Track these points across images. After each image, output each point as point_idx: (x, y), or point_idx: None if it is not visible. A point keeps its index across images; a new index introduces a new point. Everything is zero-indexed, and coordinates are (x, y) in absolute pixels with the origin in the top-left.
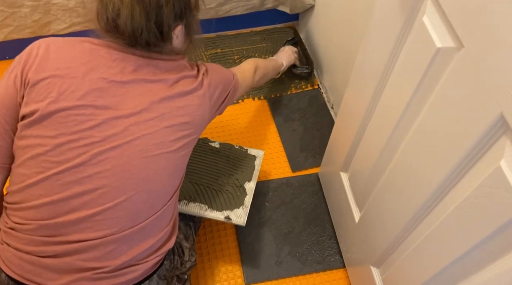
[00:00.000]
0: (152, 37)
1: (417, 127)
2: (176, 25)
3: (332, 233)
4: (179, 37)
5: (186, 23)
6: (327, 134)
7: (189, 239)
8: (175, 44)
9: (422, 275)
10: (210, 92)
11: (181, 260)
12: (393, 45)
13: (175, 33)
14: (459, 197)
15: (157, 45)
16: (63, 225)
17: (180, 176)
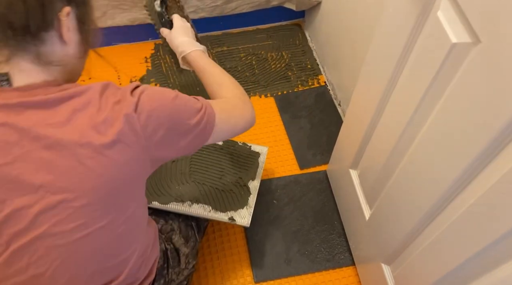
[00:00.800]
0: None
1: (431, 123)
2: (62, 6)
3: (341, 231)
4: (70, 33)
5: (78, 14)
6: (335, 131)
7: (190, 242)
8: (67, 38)
9: (436, 272)
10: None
11: (177, 270)
12: (406, 40)
13: (64, 17)
14: (476, 193)
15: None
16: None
17: (137, 237)
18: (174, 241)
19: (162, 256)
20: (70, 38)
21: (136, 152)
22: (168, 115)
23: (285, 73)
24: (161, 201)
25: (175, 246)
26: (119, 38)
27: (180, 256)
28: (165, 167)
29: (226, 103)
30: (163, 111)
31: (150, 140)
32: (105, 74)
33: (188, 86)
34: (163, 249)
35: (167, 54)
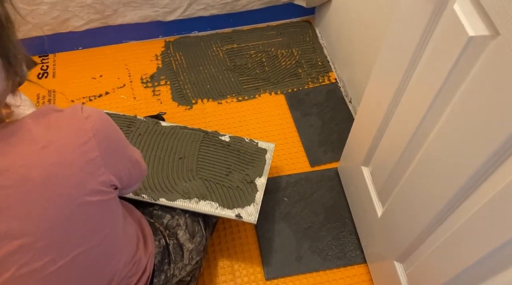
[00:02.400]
0: None
1: (447, 119)
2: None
3: (353, 228)
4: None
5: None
6: (346, 128)
7: (196, 237)
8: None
9: (450, 270)
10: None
11: (180, 265)
12: (421, 34)
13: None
14: (492, 190)
15: None
16: None
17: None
18: (179, 236)
19: (161, 251)
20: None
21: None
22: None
23: (295, 70)
24: (168, 198)
25: (180, 241)
26: (129, 36)
27: (183, 251)
28: (172, 164)
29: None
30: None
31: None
32: (116, 71)
33: (198, 83)
34: (164, 245)
35: (177, 52)
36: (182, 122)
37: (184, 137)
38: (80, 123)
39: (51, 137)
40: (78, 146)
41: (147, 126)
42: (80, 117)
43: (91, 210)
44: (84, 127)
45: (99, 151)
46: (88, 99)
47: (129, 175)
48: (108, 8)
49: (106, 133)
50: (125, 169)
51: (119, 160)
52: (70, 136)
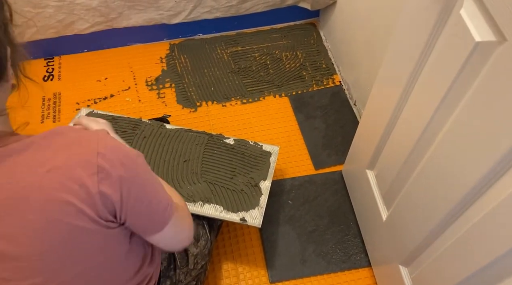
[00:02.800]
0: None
1: (453, 123)
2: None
3: (357, 232)
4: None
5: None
6: (350, 131)
7: (200, 241)
8: (9, 78)
9: (456, 275)
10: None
11: (185, 270)
12: (426, 39)
13: (7, 59)
14: (499, 196)
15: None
16: None
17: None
18: None
19: (167, 257)
20: (10, 76)
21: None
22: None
23: (299, 72)
24: None
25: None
26: (134, 39)
27: (188, 256)
28: (176, 167)
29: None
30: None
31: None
32: (121, 74)
33: (202, 86)
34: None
35: (182, 55)
36: (187, 125)
37: (189, 140)
38: (90, 155)
39: (58, 163)
40: (82, 178)
41: (152, 128)
42: (93, 150)
43: (86, 238)
44: (91, 161)
45: (98, 188)
46: (93, 102)
47: (144, 220)
48: (113, 11)
49: (117, 174)
50: (138, 212)
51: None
52: (77, 166)
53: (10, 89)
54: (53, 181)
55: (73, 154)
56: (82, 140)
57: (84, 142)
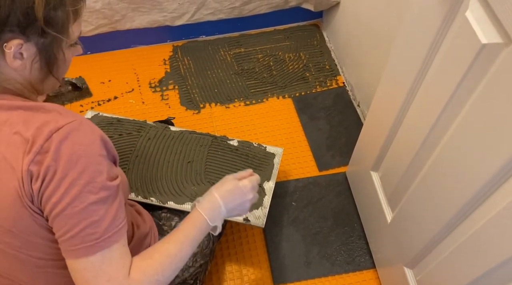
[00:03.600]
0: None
1: (459, 125)
2: (10, 37)
3: (362, 233)
4: (25, 60)
5: (38, 44)
6: (354, 132)
7: (203, 239)
8: (15, 66)
9: (463, 278)
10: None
11: (183, 267)
12: (432, 41)
13: (10, 47)
14: (506, 198)
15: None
16: None
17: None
18: None
19: None
20: (21, 65)
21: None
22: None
23: (303, 74)
24: (176, 201)
25: None
26: (138, 40)
27: None
28: (180, 168)
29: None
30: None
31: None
32: (125, 76)
33: (206, 88)
34: None
35: (185, 57)
36: (190, 126)
37: (193, 142)
38: (43, 136)
39: (23, 130)
40: (28, 152)
41: (157, 130)
42: (50, 132)
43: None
44: (39, 142)
45: (28, 167)
46: (97, 104)
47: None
48: (117, 13)
49: (50, 164)
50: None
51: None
52: (30, 139)
53: (21, 72)
54: (11, 143)
55: (37, 128)
56: (55, 118)
57: (54, 120)
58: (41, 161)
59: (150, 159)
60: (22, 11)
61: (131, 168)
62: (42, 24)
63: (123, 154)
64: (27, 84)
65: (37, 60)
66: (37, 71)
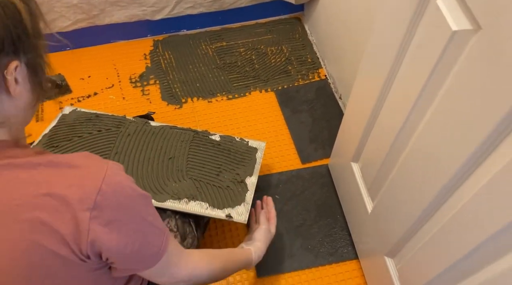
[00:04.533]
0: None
1: (433, 112)
2: (8, 61)
3: (344, 225)
4: (20, 84)
5: (28, 61)
6: (336, 125)
7: (187, 239)
8: (16, 93)
9: (440, 264)
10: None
11: None
12: (406, 30)
13: (11, 72)
14: (477, 184)
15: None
16: None
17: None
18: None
19: None
20: (20, 91)
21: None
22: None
23: (285, 67)
24: (157, 199)
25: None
26: (117, 35)
27: None
28: (161, 164)
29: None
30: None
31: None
32: (105, 72)
33: (187, 82)
34: None
35: (166, 51)
36: (172, 122)
37: (174, 137)
38: (91, 191)
39: (56, 189)
40: (77, 211)
41: (137, 126)
42: (96, 185)
43: (60, 266)
44: (91, 197)
45: (88, 225)
46: (77, 100)
47: (130, 262)
48: (95, 8)
49: (111, 215)
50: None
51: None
52: (75, 198)
53: (17, 104)
54: (46, 205)
55: (74, 185)
56: (89, 171)
57: (90, 173)
58: (100, 216)
59: (130, 155)
60: (14, 30)
61: None
62: (31, 35)
63: (102, 151)
64: (21, 118)
65: (29, 80)
66: (31, 94)
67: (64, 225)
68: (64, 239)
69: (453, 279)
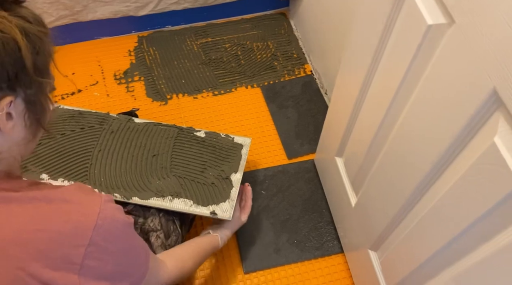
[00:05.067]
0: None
1: (411, 106)
2: (1, 96)
3: (330, 219)
4: (15, 120)
5: (26, 97)
6: (322, 120)
7: (171, 237)
8: (7, 129)
9: (420, 255)
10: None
11: None
12: (384, 25)
13: (2, 108)
14: (454, 176)
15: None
16: None
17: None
18: (152, 241)
19: None
20: (12, 127)
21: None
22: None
23: (271, 63)
24: (141, 196)
25: (152, 248)
26: (101, 32)
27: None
28: (145, 161)
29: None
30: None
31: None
32: (89, 68)
33: (172, 78)
34: None
35: (151, 47)
36: (158, 118)
37: (158, 134)
38: (86, 227)
39: (50, 225)
40: (69, 247)
41: (120, 123)
42: (91, 221)
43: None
44: (86, 233)
45: (82, 261)
46: (61, 98)
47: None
48: (78, 4)
49: (107, 247)
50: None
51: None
52: (68, 234)
53: (9, 138)
54: (38, 243)
55: (69, 221)
56: (85, 206)
57: (86, 209)
58: (96, 250)
59: (114, 153)
60: (10, 63)
61: (93, 163)
62: (31, 72)
63: (85, 149)
64: (16, 152)
65: (26, 117)
66: (27, 130)
67: (55, 261)
68: (53, 275)
69: (433, 270)
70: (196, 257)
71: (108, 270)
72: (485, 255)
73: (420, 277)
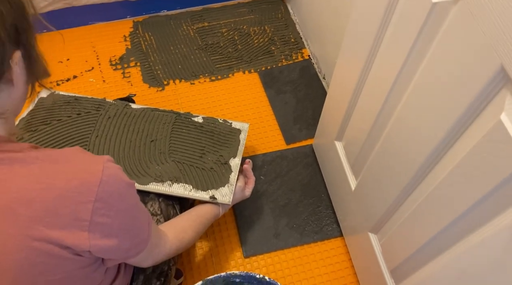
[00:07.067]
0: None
1: (415, 86)
2: (13, 50)
3: (329, 203)
4: (20, 73)
5: (25, 51)
6: (320, 104)
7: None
8: (21, 85)
9: (421, 237)
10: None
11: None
12: (386, 5)
13: (15, 63)
14: (459, 155)
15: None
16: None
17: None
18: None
19: None
20: (19, 81)
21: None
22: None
23: (268, 47)
24: (140, 182)
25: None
26: (96, 17)
27: None
28: (143, 147)
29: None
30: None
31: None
32: (84, 54)
33: (169, 64)
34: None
35: (146, 33)
36: (154, 104)
37: (156, 119)
38: (91, 183)
39: (56, 183)
40: (77, 203)
41: (117, 108)
42: (96, 177)
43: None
44: (92, 189)
45: (90, 217)
46: (56, 84)
47: (126, 248)
48: None
49: (113, 205)
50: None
51: (112, 233)
52: (74, 191)
53: (15, 94)
54: (45, 201)
55: (74, 179)
56: (88, 165)
57: (90, 167)
58: (103, 207)
59: (111, 138)
60: (18, 19)
61: (91, 149)
62: (32, 26)
63: (82, 134)
64: (16, 109)
65: (26, 71)
66: (25, 84)
67: (63, 219)
68: (62, 234)
69: (433, 252)
70: (197, 226)
71: (115, 228)
72: (480, 239)
73: (423, 257)
